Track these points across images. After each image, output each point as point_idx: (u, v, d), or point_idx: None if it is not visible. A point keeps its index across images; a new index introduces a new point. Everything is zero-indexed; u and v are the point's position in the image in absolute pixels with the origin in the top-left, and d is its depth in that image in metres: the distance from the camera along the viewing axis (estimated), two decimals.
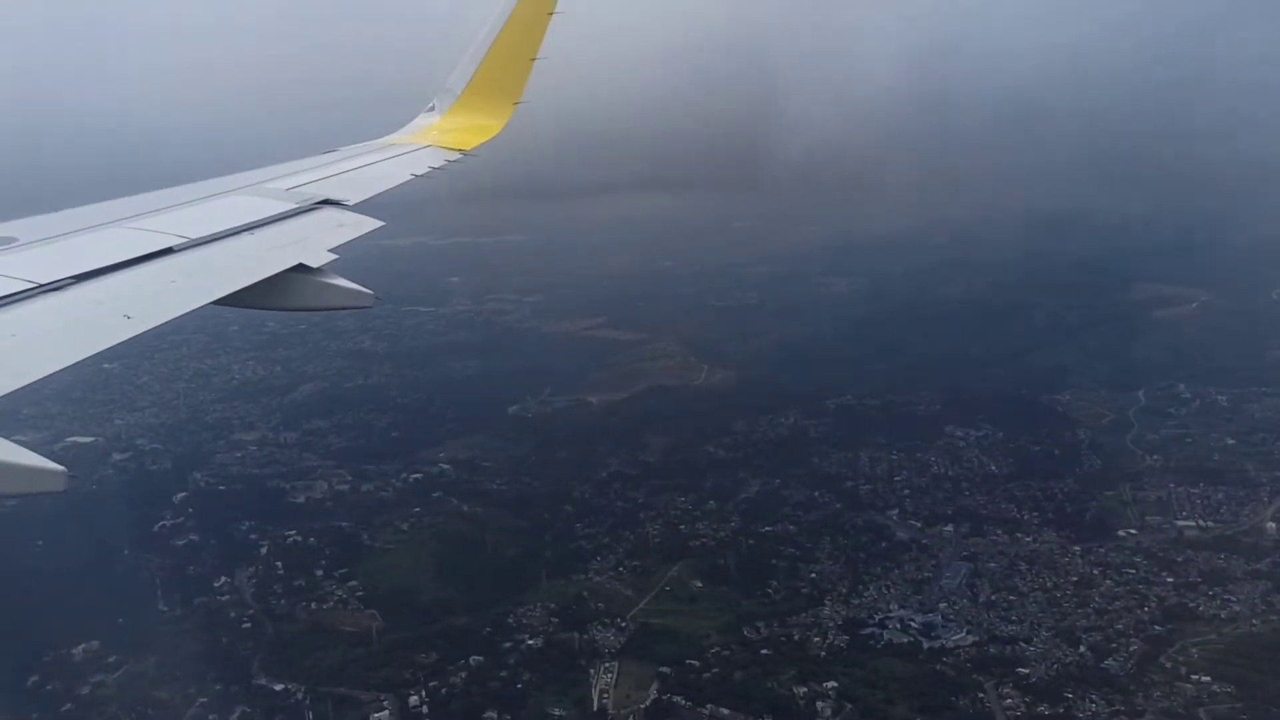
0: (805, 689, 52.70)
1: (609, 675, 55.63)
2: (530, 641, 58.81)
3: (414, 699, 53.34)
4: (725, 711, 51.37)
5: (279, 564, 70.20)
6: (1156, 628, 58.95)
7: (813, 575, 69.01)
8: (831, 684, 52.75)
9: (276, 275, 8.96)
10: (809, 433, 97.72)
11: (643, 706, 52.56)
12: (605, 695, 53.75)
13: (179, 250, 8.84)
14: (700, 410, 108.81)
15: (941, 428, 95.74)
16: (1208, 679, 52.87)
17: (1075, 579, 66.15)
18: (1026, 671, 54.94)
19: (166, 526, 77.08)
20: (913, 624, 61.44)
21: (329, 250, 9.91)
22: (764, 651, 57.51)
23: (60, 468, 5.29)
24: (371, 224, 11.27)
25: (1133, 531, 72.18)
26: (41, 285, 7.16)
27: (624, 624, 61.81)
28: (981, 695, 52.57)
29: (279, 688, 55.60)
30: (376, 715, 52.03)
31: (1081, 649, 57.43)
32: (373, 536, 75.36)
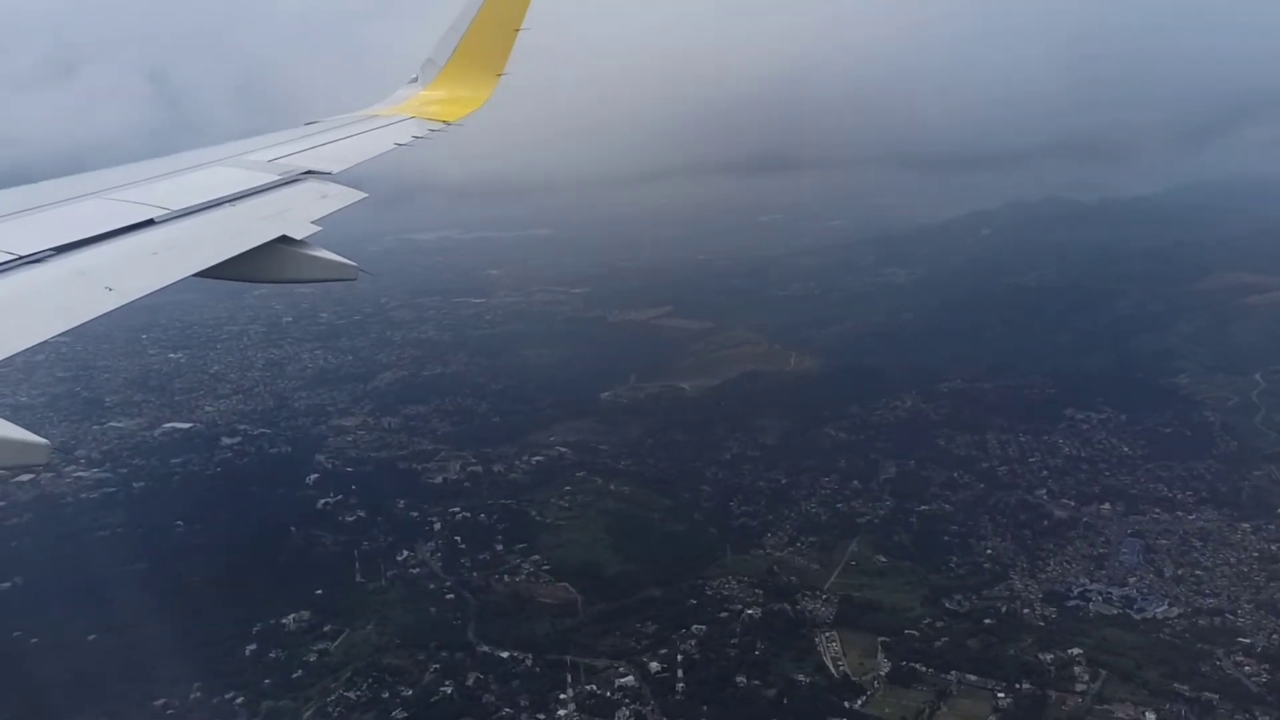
0: (1051, 656, 52.97)
1: (833, 644, 55.80)
2: (749, 612, 58.82)
3: (654, 665, 53.24)
4: (972, 678, 51.62)
5: (458, 538, 69.91)
6: None
7: (988, 551, 69.44)
8: (1076, 651, 53.03)
9: (260, 247, 8.80)
10: (929, 416, 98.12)
11: (883, 674, 52.62)
12: (839, 662, 53.85)
13: (161, 222, 8.64)
14: (804, 395, 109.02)
15: (1060, 410, 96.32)
16: None
17: (1256, 555, 66.84)
18: (1249, 641, 55.48)
19: (330, 504, 76.52)
20: (1112, 596, 61.83)
21: (312, 222, 9.75)
22: (987, 621, 57.81)
23: (43, 440, 5.13)
24: (355, 195, 11.06)
25: None
26: (21, 257, 7.01)
27: (825, 596, 62.05)
28: (1218, 663, 52.83)
29: (504, 655, 55.46)
30: (622, 680, 51.90)
31: None
32: (540, 513, 75.10)
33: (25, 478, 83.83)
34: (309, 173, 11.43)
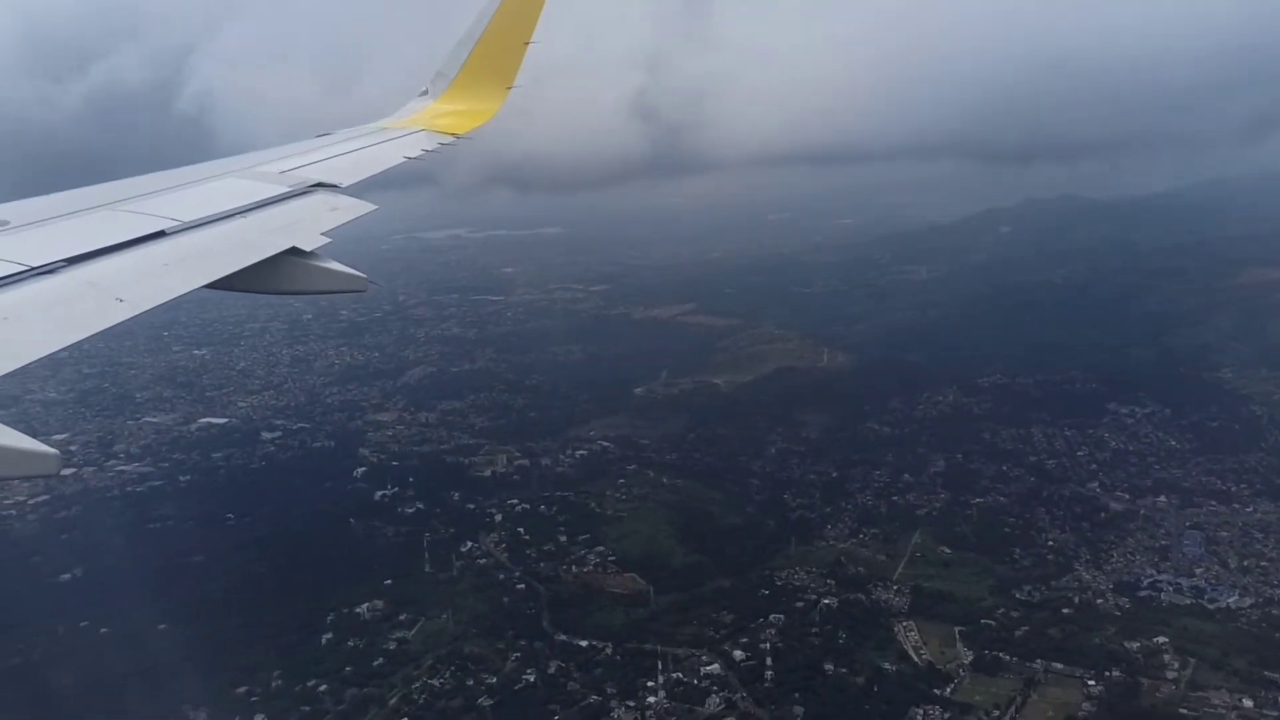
0: (1137, 644, 52.93)
1: (912, 633, 55.80)
2: (825, 601, 58.80)
3: (738, 654, 53.18)
4: (1058, 666, 51.58)
5: (521, 529, 69.80)
6: None
7: (1050, 543, 69.44)
8: (1162, 639, 53.02)
9: (270, 258, 8.83)
10: (971, 410, 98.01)
11: (967, 662, 52.61)
12: (920, 651, 53.82)
13: (172, 233, 8.71)
14: (841, 390, 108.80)
15: (1103, 405, 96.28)
16: None
17: None
18: None
19: (387, 496, 76.36)
20: (1183, 587, 61.85)
21: (322, 234, 9.77)
22: (1064, 611, 57.79)
23: (53, 450, 5.10)
24: (365, 207, 11.10)
25: None
26: (33, 268, 7.03)
27: (896, 586, 62.03)
28: None
29: (583, 644, 55.35)
30: (707, 669, 51.84)
31: None
32: (599, 505, 75.02)
33: (68, 471, 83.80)
34: (319, 185, 11.47)
